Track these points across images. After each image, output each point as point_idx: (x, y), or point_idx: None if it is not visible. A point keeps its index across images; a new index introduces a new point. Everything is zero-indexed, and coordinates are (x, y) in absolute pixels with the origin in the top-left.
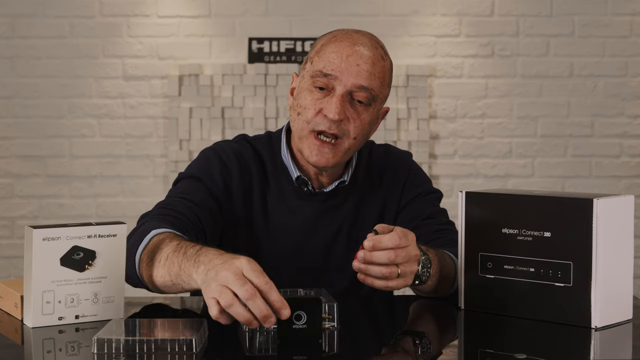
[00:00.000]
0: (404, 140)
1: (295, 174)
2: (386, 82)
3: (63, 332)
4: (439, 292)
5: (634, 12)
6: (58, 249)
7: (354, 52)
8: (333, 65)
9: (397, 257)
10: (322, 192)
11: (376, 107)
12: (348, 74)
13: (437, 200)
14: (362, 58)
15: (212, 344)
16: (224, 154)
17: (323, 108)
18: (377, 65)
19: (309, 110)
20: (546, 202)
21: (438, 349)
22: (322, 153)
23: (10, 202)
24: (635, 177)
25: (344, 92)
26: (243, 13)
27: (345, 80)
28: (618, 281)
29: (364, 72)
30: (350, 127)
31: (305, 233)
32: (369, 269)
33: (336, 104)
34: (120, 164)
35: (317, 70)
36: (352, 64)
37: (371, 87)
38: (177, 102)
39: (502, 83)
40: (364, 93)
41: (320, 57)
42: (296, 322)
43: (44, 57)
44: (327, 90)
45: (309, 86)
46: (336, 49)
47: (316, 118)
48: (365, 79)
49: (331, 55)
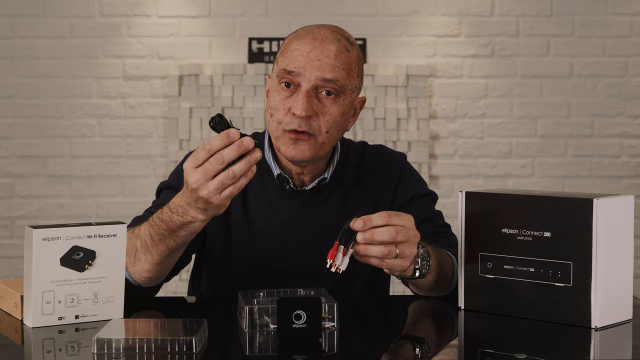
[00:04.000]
0: (404, 140)
1: (276, 171)
2: (353, 71)
3: (63, 332)
4: (438, 290)
5: (634, 12)
6: (58, 249)
7: (314, 47)
8: (295, 62)
9: (398, 234)
10: (304, 190)
11: (347, 99)
12: (311, 69)
13: (432, 203)
14: (323, 52)
15: (212, 344)
16: None
17: (291, 107)
18: (340, 57)
19: (279, 111)
20: (546, 202)
21: (438, 348)
22: (298, 147)
23: (10, 202)
24: (635, 177)
25: (309, 87)
26: (243, 13)
27: (308, 76)
28: (618, 281)
29: (327, 65)
30: (320, 122)
31: (289, 231)
32: (369, 250)
33: (302, 100)
34: (120, 164)
35: (281, 69)
36: (313, 59)
37: (335, 78)
38: (177, 102)
39: (502, 83)
40: (329, 85)
41: (283, 57)
42: (296, 322)
43: (44, 57)
44: (293, 87)
45: (277, 86)
46: (298, 46)
47: (286, 118)
48: (329, 72)
49: (293, 53)
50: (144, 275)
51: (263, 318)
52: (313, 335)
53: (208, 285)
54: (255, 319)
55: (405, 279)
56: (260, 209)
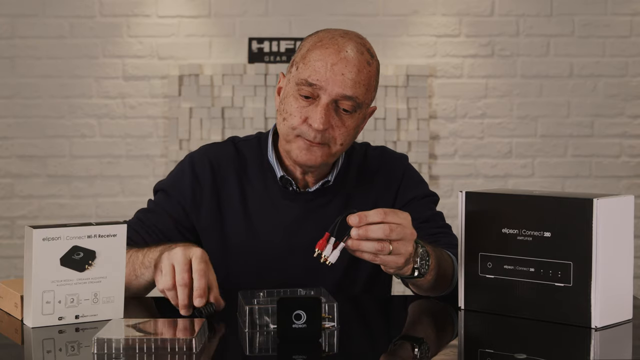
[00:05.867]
0: (404, 140)
1: (279, 173)
2: (372, 87)
3: (63, 332)
4: (437, 290)
5: (634, 12)
6: (58, 249)
7: (339, 60)
8: (318, 75)
9: (392, 232)
10: (307, 191)
11: (361, 113)
12: (333, 84)
13: (433, 204)
14: (347, 67)
15: (212, 344)
16: (199, 164)
17: (308, 117)
18: (362, 73)
19: (294, 118)
20: (546, 202)
21: (438, 348)
22: (311, 152)
23: (10, 202)
24: (635, 177)
25: (328, 101)
26: (243, 13)
27: (330, 90)
28: (618, 281)
29: (349, 81)
30: (335, 134)
31: (291, 232)
32: (361, 245)
33: (321, 114)
34: (120, 164)
35: (302, 78)
36: (337, 74)
37: (356, 95)
38: (177, 102)
39: (502, 83)
40: (348, 102)
41: (305, 65)
42: (296, 322)
43: (44, 57)
44: (312, 98)
45: (294, 93)
46: (321, 56)
47: (302, 126)
48: (350, 88)
49: (316, 64)
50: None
51: (263, 318)
52: (313, 335)
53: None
54: (255, 319)
55: (404, 278)
56: (261, 210)
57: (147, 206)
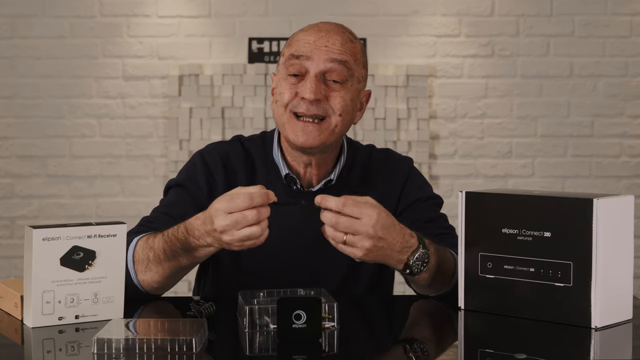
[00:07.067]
0: (404, 140)
1: (284, 171)
2: (359, 60)
3: (63, 332)
4: (436, 288)
5: (634, 12)
6: (58, 249)
7: (320, 36)
8: (304, 47)
9: (338, 223)
10: (310, 191)
11: (354, 86)
12: (319, 54)
13: (437, 206)
14: (329, 40)
15: (212, 344)
16: (210, 159)
17: (299, 91)
18: (346, 45)
19: (285, 95)
20: (546, 202)
21: (438, 349)
22: (307, 132)
23: (10, 202)
24: (635, 177)
25: (317, 72)
26: (243, 13)
27: (317, 60)
28: (618, 281)
29: (335, 49)
30: (331, 103)
31: (295, 231)
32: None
33: (311, 83)
34: (120, 164)
35: (289, 55)
36: (321, 46)
37: (344, 59)
38: (177, 102)
39: (502, 83)
40: (338, 68)
41: (290, 46)
42: (296, 322)
43: (44, 57)
44: (300, 75)
45: (284, 75)
46: (304, 36)
47: (293, 101)
48: (338, 54)
49: (300, 42)
50: (153, 286)
51: (263, 318)
52: (313, 335)
53: (212, 285)
54: (255, 319)
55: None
56: None
57: (161, 203)
